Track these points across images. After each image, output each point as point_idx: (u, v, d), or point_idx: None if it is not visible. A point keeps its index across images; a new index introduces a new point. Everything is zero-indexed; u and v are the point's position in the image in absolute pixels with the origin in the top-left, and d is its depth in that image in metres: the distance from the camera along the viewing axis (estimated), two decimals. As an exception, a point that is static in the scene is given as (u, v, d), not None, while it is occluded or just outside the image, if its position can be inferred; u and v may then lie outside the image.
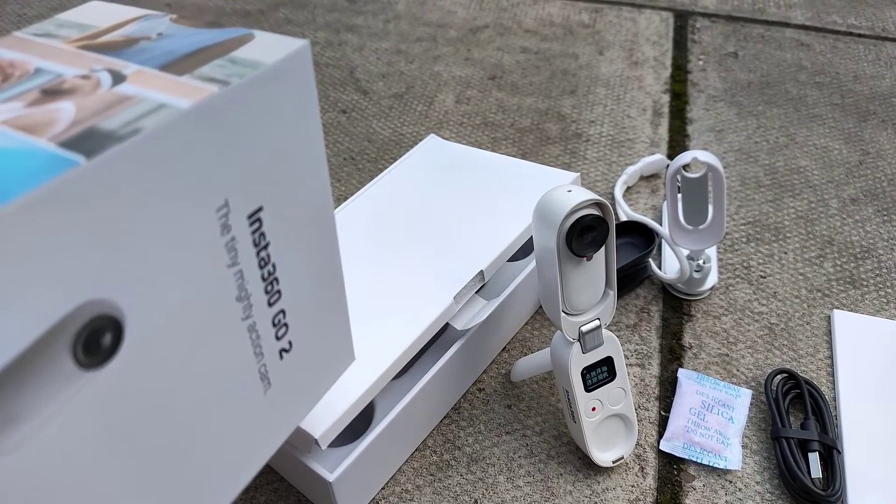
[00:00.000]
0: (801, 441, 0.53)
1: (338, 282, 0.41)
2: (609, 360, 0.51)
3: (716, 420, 0.56)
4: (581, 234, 0.45)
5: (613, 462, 0.53)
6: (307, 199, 0.36)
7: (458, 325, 0.55)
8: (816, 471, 0.51)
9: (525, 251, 0.64)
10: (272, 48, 0.32)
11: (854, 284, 0.67)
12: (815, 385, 0.57)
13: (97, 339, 0.26)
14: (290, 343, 0.38)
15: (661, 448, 0.55)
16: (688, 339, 0.63)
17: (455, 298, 0.54)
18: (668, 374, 0.60)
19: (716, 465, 0.54)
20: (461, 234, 0.59)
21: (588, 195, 0.45)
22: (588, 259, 0.47)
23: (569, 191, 0.45)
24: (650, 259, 0.67)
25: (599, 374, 0.51)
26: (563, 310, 0.48)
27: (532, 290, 0.63)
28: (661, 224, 0.72)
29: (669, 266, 0.68)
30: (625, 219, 0.70)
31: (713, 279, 0.66)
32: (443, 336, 0.58)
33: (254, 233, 0.33)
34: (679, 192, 0.62)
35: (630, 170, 0.77)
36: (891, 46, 0.99)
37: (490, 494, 0.52)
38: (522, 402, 0.58)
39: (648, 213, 0.74)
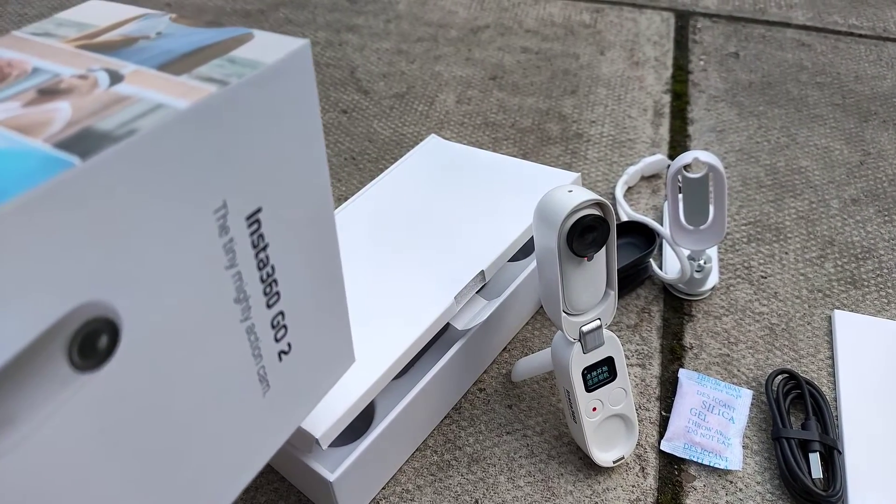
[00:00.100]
0: (802, 441, 0.53)
1: (337, 283, 0.41)
2: (610, 361, 0.51)
3: (716, 420, 0.56)
4: (582, 235, 0.45)
5: (614, 462, 0.53)
6: (307, 201, 0.36)
7: (459, 325, 0.55)
8: (817, 471, 0.51)
9: (526, 251, 0.64)
10: (272, 48, 0.32)
11: (855, 285, 0.67)
12: (816, 385, 0.57)
13: (93, 342, 0.26)
14: (290, 345, 0.38)
15: (662, 448, 0.55)
16: (688, 340, 0.63)
17: (456, 298, 0.54)
18: (669, 375, 0.60)
19: (716, 466, 0.53)
20: (462, 234, 0.59)
21: (589, 195, 0.45)
22: (589, 259, 0.47)
23: (570, 191, 0.45)
24: (651, 259, 0.67)
25: (600, 375, 0.51)
26: (564, 310, 0.48)
27: (533, 291, 0.62)
28: (662, 224, 0.72)
29: (670, 266, 0.68)
30: (626, 219, 0.70)
31: (714, 279, 0.66)
32: (443, 336, 0.58)
33: (252, 234, 0.33)
34: (680, 193, 0.62)
35: (631, 170, 0.77)
36: (892, 47, 0.99)
37: (491, 494, 0.52)
38: (523, 403, 0.58)
39: (649, 214, 0.74)
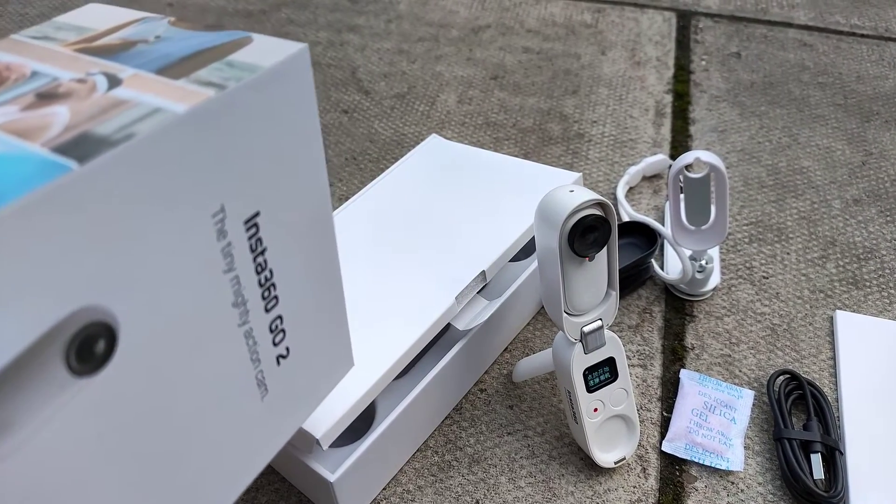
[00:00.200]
0: (804, 442, 0.53)
1: (336, 287, 0.41)
2: (611, 361, 0.51)
3: (718, 421, 0.56)
4: (583, 235, 0.45)
5: (615, 463, 0.53)
6: (305, 204, 0.36)
7: (460, 326, 0.55)
8: (819, 472, 0.51)
9: (527, 251, 0.64)
10: (270, 51, 0.32)
11: (857, 285, 0.67)
12: (818, 386, 0.57)
13: (90, 346, 0.26)
14: (288, 349, 0.38)
15: (663, 449, 0.55)
16: (690, 340, 0.62)
17: (457, 299, 0.54)
18: (671, 375, 0.60)
19: (718, 466, 0.53)
20: (463, 234, 0.59)
21: (590, 195, 0.45)
22: (590, 259, 0.47)
23: (571, 191, 0.45)
24: (652, 259, 0.67)
25: (601, 375, 0.51)
26: (565, 310, 0.48)
27: (534, 291, 0.62)
28: (664, 224, 0.72)
29: (672, 266, 0.68)
30: (627, 219, 0.70)
31: (715, 280, 0.66)
32: (444, 336, 0.57)
33: (250, 238, 0.33)
34: (681, 193, 0.62)
35: (632, 170, 0.76)
36: (894, 47, 0.98)
37: (491, 495, 0.52)
38: (524, 403, 0.58)
39: (651, 214, 0.74)
